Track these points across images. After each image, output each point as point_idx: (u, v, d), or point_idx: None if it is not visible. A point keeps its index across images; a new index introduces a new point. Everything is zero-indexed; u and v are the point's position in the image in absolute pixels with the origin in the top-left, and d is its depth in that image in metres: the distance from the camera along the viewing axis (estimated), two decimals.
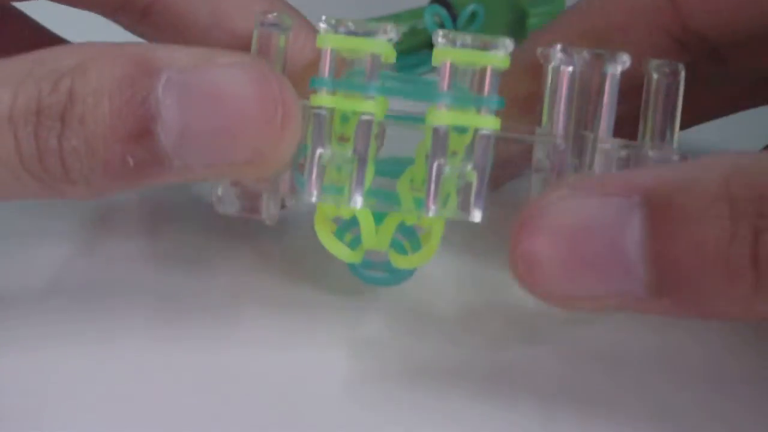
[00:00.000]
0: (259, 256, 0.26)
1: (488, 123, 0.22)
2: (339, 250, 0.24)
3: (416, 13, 0.38)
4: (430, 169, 0.22)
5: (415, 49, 0.35)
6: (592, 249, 0.19)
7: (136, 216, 0.28)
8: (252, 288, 0.25)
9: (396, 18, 0.38)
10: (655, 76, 0.23)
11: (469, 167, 0.22)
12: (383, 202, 0.23)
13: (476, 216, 0.22)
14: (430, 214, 0.22)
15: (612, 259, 0.19)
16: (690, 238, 0.19)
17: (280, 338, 0.24)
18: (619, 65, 0.23)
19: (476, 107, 0.22)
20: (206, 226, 0.27)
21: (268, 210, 0.23)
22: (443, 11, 0.34)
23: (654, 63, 0.23)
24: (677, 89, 0.23)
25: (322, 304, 0.25)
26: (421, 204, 0.23)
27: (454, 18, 0.35)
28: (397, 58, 0.25)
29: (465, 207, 0.22)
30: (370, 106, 0.22)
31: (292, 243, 0.27)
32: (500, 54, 0.22)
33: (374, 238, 0.24)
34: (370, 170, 0.23)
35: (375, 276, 0.24)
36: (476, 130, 0.22)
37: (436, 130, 0.22)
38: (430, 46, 0.23)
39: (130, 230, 0.27)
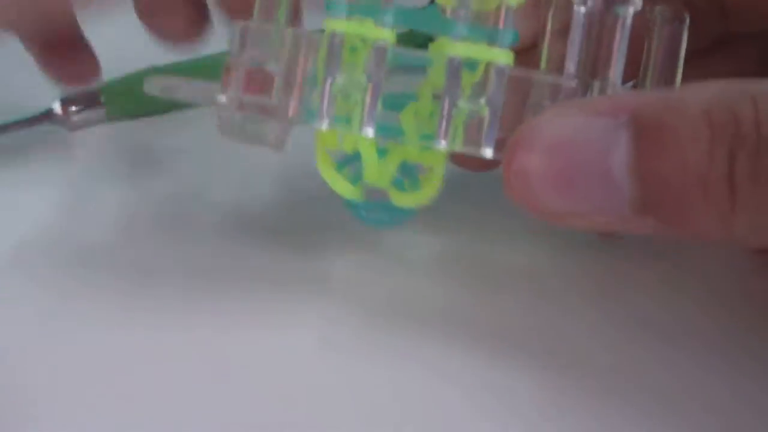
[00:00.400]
0: (242, 231, 0.26)
1: (503, 56, 0.22)
2: (340, 185, 0.24)
3: None
4: (443, 101, 0.22)
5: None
6: (578, 165, 0.20)
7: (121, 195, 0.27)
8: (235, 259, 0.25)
9: None
10: (659, 20, 0.24)
11: (482, 101, 0.22)
12: (388, 134, 0.23)
13: (488, 152, 0.22)
14: (442, 146, 0.22)
15: (597, 176, 0.20)
16: (673, 157, 0.19)
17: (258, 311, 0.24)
18: (631, 7, 0.23)
19: (490, 41, 0.22)
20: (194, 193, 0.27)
21: (276, 136, 0.22)
22: None
23: (659, 8, 0.24)
24: (680, 36, 0.24)
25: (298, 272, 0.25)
26: (427, 138, 0.23)
27: None
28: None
29: (476, 142, 0.22)
30: (386, 34, 0.22)
31: (279, 208, 0.27)
32: None
33: (376, 172, 0.23)
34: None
35: (375, 216, 0.24)
36: (490, 64, 0.22)
37: (450, 61, 0.22)
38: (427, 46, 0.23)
39: (114, 209, 0.27)
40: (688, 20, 0.24)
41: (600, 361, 0.23)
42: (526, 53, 0.26)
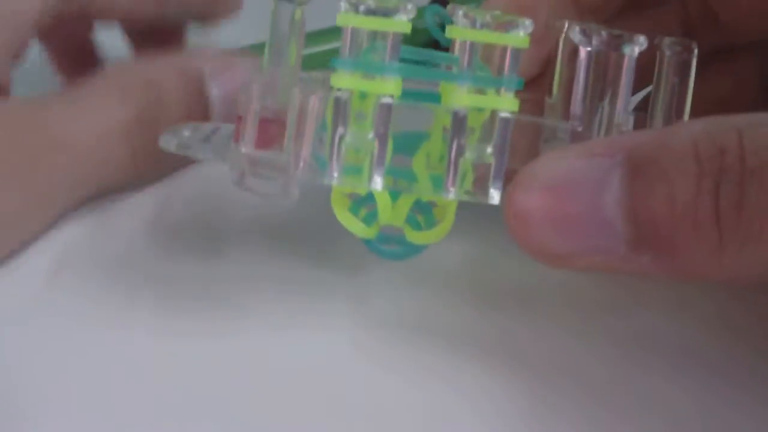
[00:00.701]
0: (268, 237, 0.27)
1: (508, 104, 0.22)
2: (355, 226, 0.24)
3: (417, 12, 0.37)
4: (450, 151, 0.22)
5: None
6: (574, 206, 0.20)
7: (143, 202, 0.28)
8: (261, 270, 0.26)
9: None
10: (667, 53, 0.24)
11: (488, 150, 0.22)
12: (400, 180, 0.24)
13: (495, 198, 0.22)
14: (450, 196, 0.22)
15: (592, 215, 0.20)
16: (662, 193, 0.19)
17: (287, 318, 0.25)
18: (637, 46, 0.23)
19: (495, 88, 0.22)
20: (216, 208, 0.27)
21: (287, 190, 0.23)
22: (443, 11, 0.34)
23: (667, 40, 0.24)
24: (689, 66, 0.24)
25: (329, 282, 0.26)
26: (437, 181, 0.23)
27: None
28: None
29: (483, 190, 0.22)
30: (390, 88, 0.22)
31: (301, 222, 0.28)
32: (520, 34, 0.22)
33: (390, 214, 0.24)
34: (387, 148, 0.23)
35: (390, 250, 0.25)
36: (496, 112, 0.22)
37: (456, 114, 0.22)
38: (430, 45, 0.23)
39: (137, 217, 0.27)
40: (696, 50, 0.24)
41: (609, 378, 0.23)
42: (536, 80, 0.26)
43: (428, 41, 0.34)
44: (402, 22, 0.22)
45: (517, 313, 0.25)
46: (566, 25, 0.25)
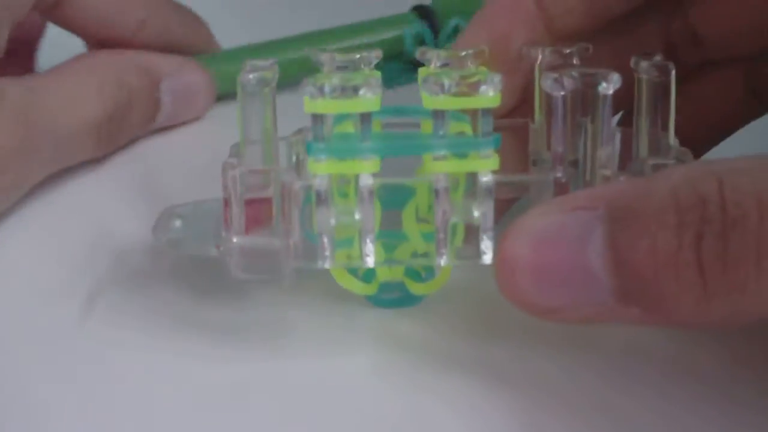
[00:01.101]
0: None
1: (486, 165, 0.22)
2: (355, 285, 0.25)
3: (401, 19, 0.37)
4: (437, 219, 0.22)
5: (398, 58, 0.34)
6: (558, 260, 0.20)
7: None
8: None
9: (380, 23, 0.37)
10: (644, 77, 0.23)
11: (475, 214, 0.22)
12: (392, 243, 0.24)
13: (486, 259, 0.23)
14: (443, 263, 0.23)
15: (576, 269, 0.20)
16: (644, 247, 0.19)
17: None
18: (611, 85, 0.22)
19: (473, 151, 0.22)
20: None
21: (283, 274, 0.23)
22: (425, 25, 0.32)
23: (643, 65, 0.23)
24: (668, 86, 0.23)
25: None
26: (429, 238, 0.23)
27: (436, 31, 0.33)
28: (381, 69, 0.25)
29: (474, 252, 0.23)
30: (368, 167, 0.22)
31: None
32: (490, 93, 0.22)
33: (388, 271, 0.24)
34: (376, 211, 0.23)
35: (392, 299, 0.25)
36: (476, 175, 0.22)
37: (436, 188, 0.22)
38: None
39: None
40: (674, 71, 0.23)
41: (602, 394, 0.23)
42: (517, 108, 0.26)
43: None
44: (369, 101, 0.22)
45: (526, 340, 0.25)
46: (539, 53, 0.25)
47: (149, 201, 0.31)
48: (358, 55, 0.24)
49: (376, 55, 0.25)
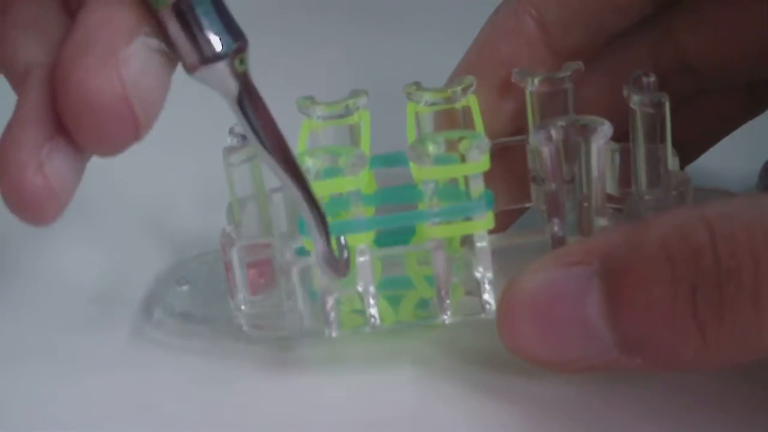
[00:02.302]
0: None
1: (481, 227, 0.22)
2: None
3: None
4: (437, 283, 0.23)
5: None
6: (560, 316, 0.21)
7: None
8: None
9: None
10: (639, 109, 0.22)
11: (477, 275, 0.23)
12: (397, 293, 0.24)
13: (489, 312, 0.23)
14: (447, 321, 0.23)
15: (579, 325, 0.20)
16: (640, 302, 0.19)
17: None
18: (602, 138, 0.22)
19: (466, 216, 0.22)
20: None
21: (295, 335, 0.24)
22: None
23: (635, 99, 0.22)
24: (663, 117, 0.22)
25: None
26: (431, 281, 0.24)
27: None
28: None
29: (476, 307, 0.23)
30: (362, 239, 0.22)
31: None
32: (478, 159, 0.21)
33: (395, 317, 0.25)
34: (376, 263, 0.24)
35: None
36: (473, 237, 0.22)
37: (435, 253, 0.22)
38: None
39: None
40: (667, 104, 0.22)
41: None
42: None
43: None
44: (356, 180, 0.21)
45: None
46: (529, 79, 0.24)
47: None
48: (345, 104, 0.24)
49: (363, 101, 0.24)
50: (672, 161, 0.24)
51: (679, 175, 0.23)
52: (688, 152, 0.26)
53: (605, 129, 0.22)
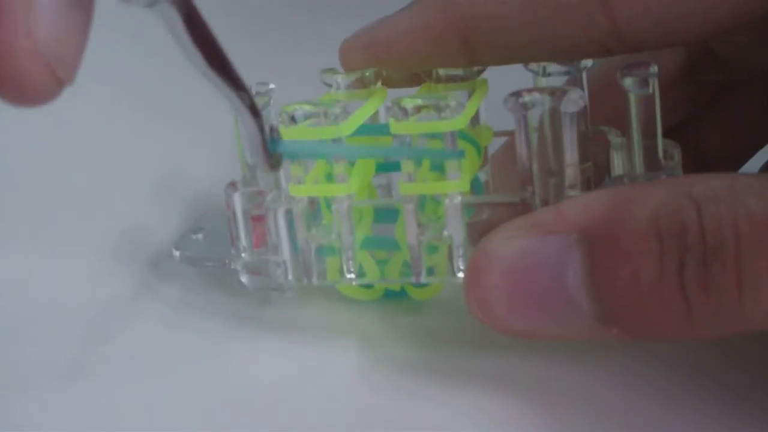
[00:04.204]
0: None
1: (455, 187, 0.23)
2: (357, 293, 0.26)
3: None
4: (409, 242, 0.23)
5: None
6: (537, 286, 0.20)
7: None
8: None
9: None
10: (631, 90, 0.23)
11: (445, 233, 0.23)
12: (385, 255, 0.25)
13: (460, 276, 0.23)
14: (421, 280, 0.24)
15: (556, 295, 0.20)
16: (625, 273, 0.20)
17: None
18: (573, 105, 0.22)
19: (441, 172, 0.23)
20: None
21: (285, 287, 0.25)
22: None
23: (627, 81, 0.23)
24: (653, 98, 0.22)
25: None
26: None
27: None
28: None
29: (450, 269, 0.24)
30: (343, 189, 0.24)
31: None
32: (456, 117, 0.22)
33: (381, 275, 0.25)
34: (367, 220, 0.25)
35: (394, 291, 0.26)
36: (444, 196, 0.23)
37: (405, 208, 0.23)
38: None
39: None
40: (656, 81, 0.22)
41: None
42: None
43: None
44: (342, 128, 0.23)
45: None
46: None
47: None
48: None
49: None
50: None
51: (670, 161, 0.23)
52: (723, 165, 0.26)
53: (575, 95, 0.22)
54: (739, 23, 0.22)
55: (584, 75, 0.26)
